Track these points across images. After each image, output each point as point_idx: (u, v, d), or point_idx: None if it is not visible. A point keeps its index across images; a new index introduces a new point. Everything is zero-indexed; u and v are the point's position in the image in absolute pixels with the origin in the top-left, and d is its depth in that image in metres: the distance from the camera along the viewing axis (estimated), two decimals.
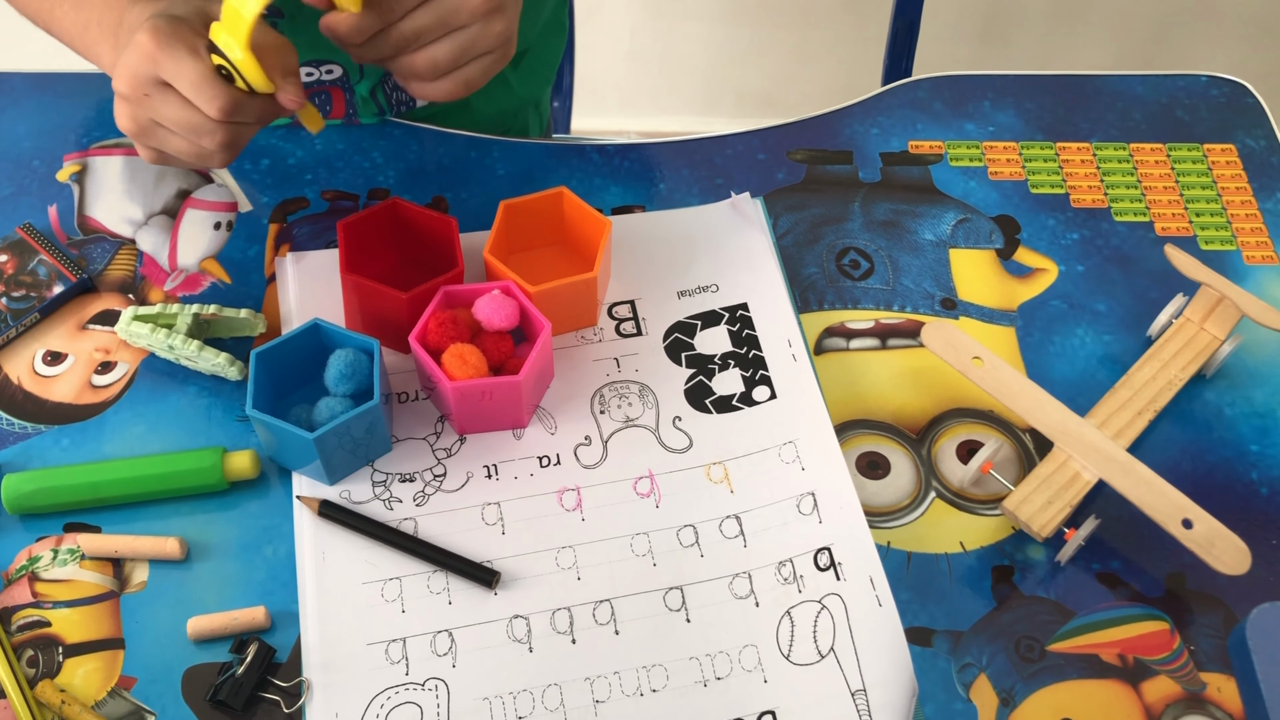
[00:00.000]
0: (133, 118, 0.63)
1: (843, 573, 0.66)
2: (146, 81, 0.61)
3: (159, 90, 0.61)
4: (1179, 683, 0.64)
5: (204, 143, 0.62)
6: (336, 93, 0.85)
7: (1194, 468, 0.71)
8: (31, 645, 0.64)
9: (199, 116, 0.61)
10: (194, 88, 0.60)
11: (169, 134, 0.63)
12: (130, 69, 0.61)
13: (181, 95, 0.61)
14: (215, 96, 0.60)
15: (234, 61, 0.59)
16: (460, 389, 0.67)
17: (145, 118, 0.62)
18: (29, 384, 0.73)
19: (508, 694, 0.62)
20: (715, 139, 0.86)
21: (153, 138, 0.63)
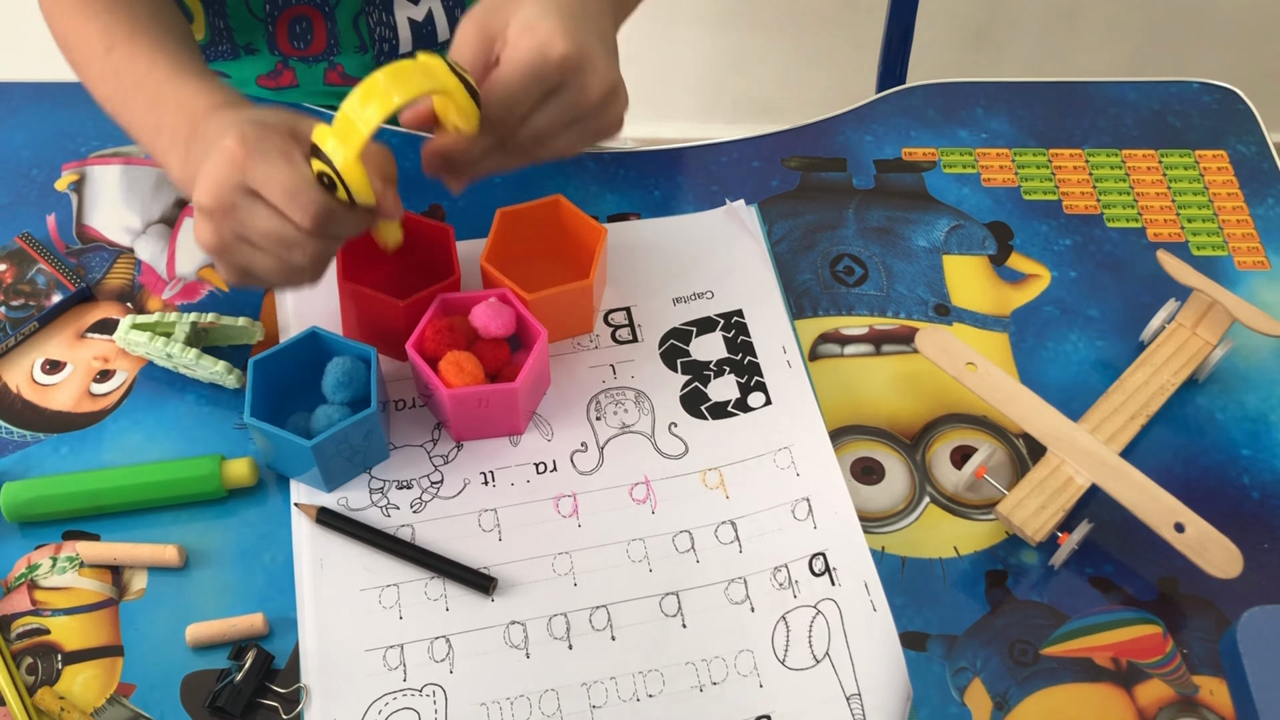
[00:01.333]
0: (216, 232, 0.58)
1: (838, 578, 0.66)
2: (233, 190, 0.56)
3: (247, 200, 0.56)
4: (1172, 686, 0.64)
5: (294, 257, 0.58)
6: (316, 17, 0.83)
7: (1186, 472, 0.72)
8: (31, 653, 0.64)
9: (289, 228, 0.56)
10: (286, 194, 0.55)
11: (255, 250, 0.58)
12: (215, 178, 0.56)
13: (271, 205, 0.56)
14: (309, 204, 0.55)
15: (340, 170, 0.54)
16: (456, 396, 0.67)
17: (230, 232, 0.57)
18: (28, 392, 0.73)
19: (505, 699, 0.63)
20: (710, 146, 0.87)
21: (238, 254, 0.58)
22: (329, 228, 0.57)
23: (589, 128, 0.60)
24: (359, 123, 0.54)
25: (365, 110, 0.53)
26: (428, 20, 0.85)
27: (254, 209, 0.57)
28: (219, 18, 0.82)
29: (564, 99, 0.58)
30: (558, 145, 0.60)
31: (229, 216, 0.57)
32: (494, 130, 0.58)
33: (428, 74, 0.54)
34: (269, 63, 0.86)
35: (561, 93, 0.58)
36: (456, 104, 0.56)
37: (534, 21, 0.57)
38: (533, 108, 0.58)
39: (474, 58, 0.58)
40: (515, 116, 0.58)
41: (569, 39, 0.57)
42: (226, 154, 0.56)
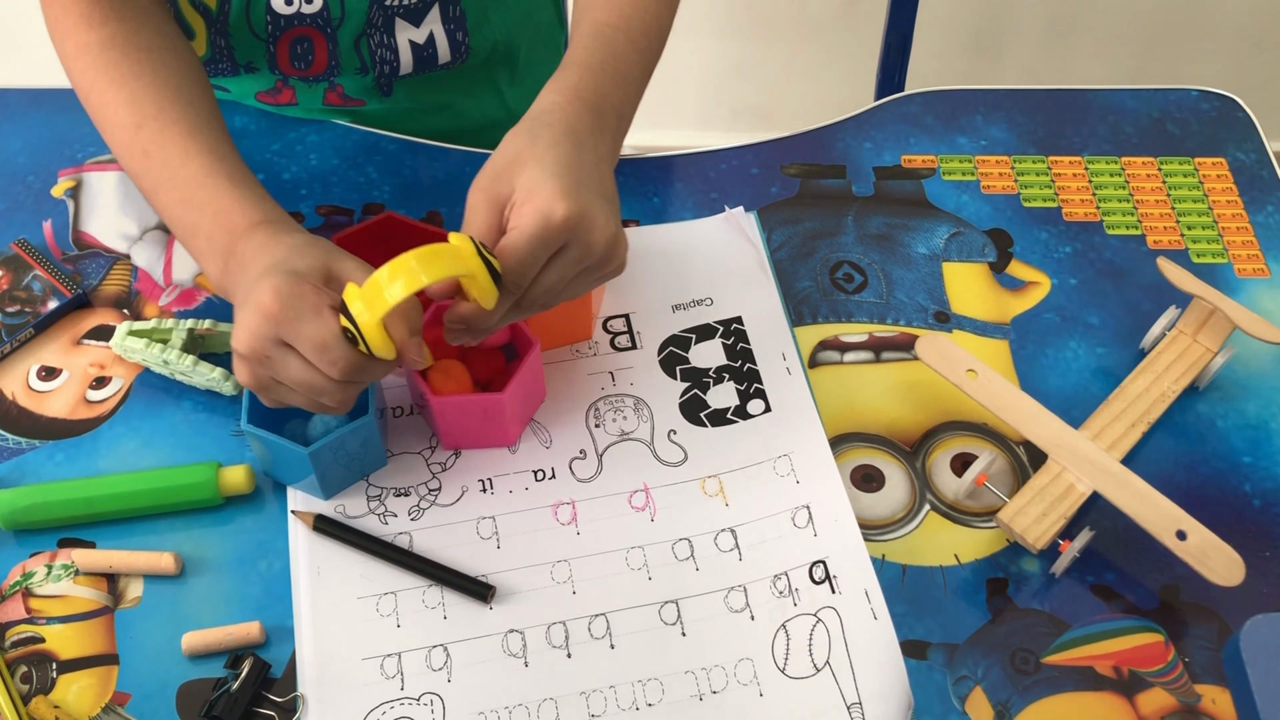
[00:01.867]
0: (253, 375, 0.61)
1: (838, 586, 0.66)
2: (268, 343, 0.59)
3: (280, 351, 0.59)
4: (1174, 695, 0.64)
5: (324, 400, 0.61)
6: (317, 38, 0.84)
7: (1187, 480, 0.72)
8: (25, 661, 0.64)
9: (320, 378, 0.59)
10: (317, 351, 0.58)
11: (289, 391, 0.61)
12: (251, 330, 0.59)
13: (303, 357, 0.59)
14: (337, 360, 0.58)
15: (364, 333, 0.58)
16: (443, 404, 0.67)
17: (266, 376, 0.61)
18: (23, 399, 0.73)
19: (503, 708, 0.62)
20: (709, 153, 0.87)
21: (273, 392, 0.62)
22: (356, 378, 0.60)
23: (595, 275, 0.64)
24: (386, 295, 0.57)
25: (393, 286, 0.56)
26: (429, 42, 0.86)
27: (287, 360, 0.60)
28: (220, 36, 0.82)
29: (570, 255, 0.61)
30: (565, 297, 0.64)
31: (264, 365, 0.60)
32: (509, 295, 0.61)
33: (456, 258, 0.57)
34: (269, 80, 0.86)
35: (567, 250, 0.61)
36: (479, 285, 0.59)
37: (535, 187, 0.60)
38: (542, 269, 0.61)
39: (486, 226, 0.61)
40: (527, 279, 0.61)
41: (568, 201, 0.59)
42: (262, 310, 0.58)
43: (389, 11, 0.83)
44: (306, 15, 0.81)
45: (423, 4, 0.83)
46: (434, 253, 0.57)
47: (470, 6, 0.86)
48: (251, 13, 0.80)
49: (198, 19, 0.82)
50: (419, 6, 0.83)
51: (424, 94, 0.90)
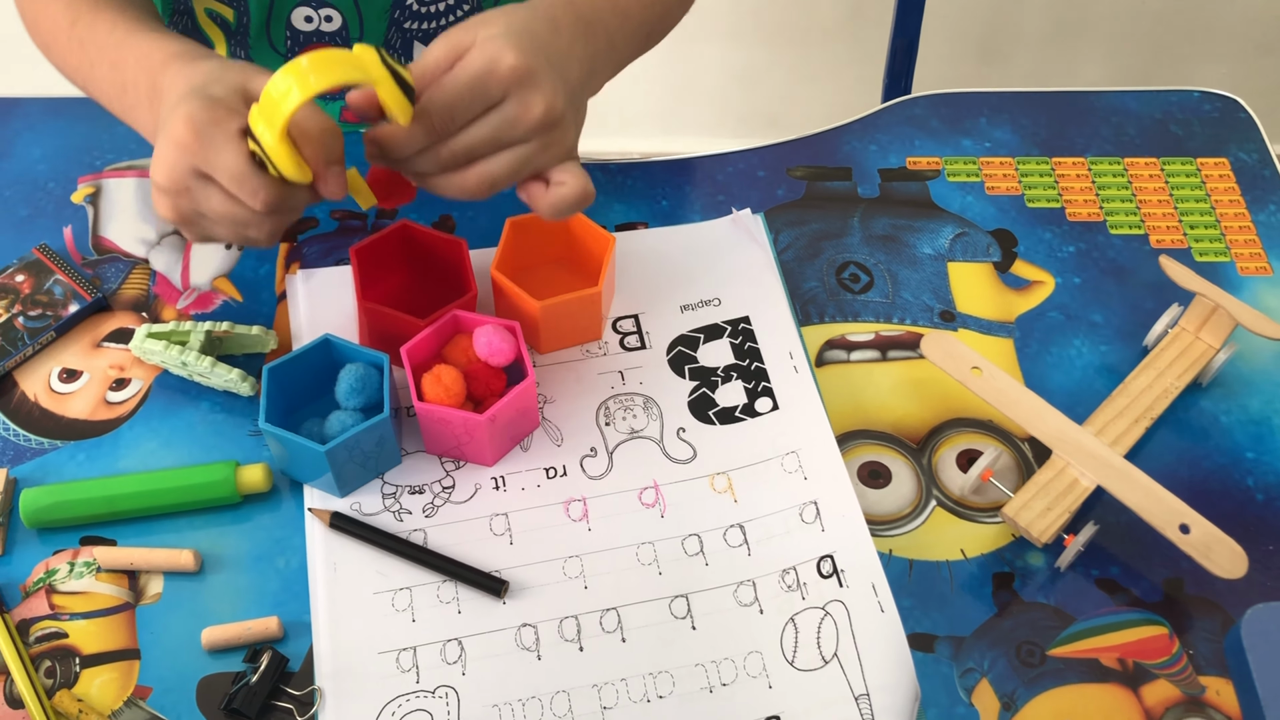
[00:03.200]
0: (175, 209, 0.59)
1: (845, 580, 0.67)
2: (185, 174, 0.57)
3: (199, 182, 0.57)
4: (1178, 686, 0.65)
5: (249, 233, 0.60)
6: None
7: (1190, 474, 0.72)
8: (49, 656, 0.65)
9: (243, 209, 0.58)
10: (235, 181, 0.56)
11: (213, 223, 0.60)
12: (167, 162, 0.57)
13: (223, 188, 0.57)
14: (257, 190, 0.56)
15: (268, 151, 0.55)
16: (426, 411, 0.68)
17: (188, 209, 0.59)
18: (45, 401, 0.75)
19: (517, 701, 0.63)
20: (716, 157, 0.88)
21: (196, 227, 0.60)
22: (279, 207, 0.58)
23: (525, 154, 0.61)
24: (281, 104, 0.54)
25: (287, 93, 0.54)
26: None
27: (207, 191, 0.58)
28: (240, 47, 0.84)
29: (506, 112, 0.59)
30: (491, 166, 0.61)
31: (183, 196, 0.58)
32: (429, 129, 0.59)
33: (354, 63, 0.55)
34: None
35: (504, 106, 0.59)
36: (386, 96, 0.57)
37: (494, 36, 0.59)
38: (473, 116, 0.59)
39: (436, 67, 0.60)
40: (454, 120, 0.59)
41: (521, 55, 0.58)
42: (175, 139, 0.56)
43: (407, 34, 0.84)
44: (326, 33, 0.82)
45: (439, 28, 0.85)
46: (327, 55, 0.54)
47: None
48: (272, 29, 0.82)
49: (215, 30, 0.83)
50: (436, 31, 0.84)
51: None
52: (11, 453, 0.72)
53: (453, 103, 0.58)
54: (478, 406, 0.70)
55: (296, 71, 0.54)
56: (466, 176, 0.61)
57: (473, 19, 0.61)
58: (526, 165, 0.61)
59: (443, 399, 0.68)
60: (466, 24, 0.61)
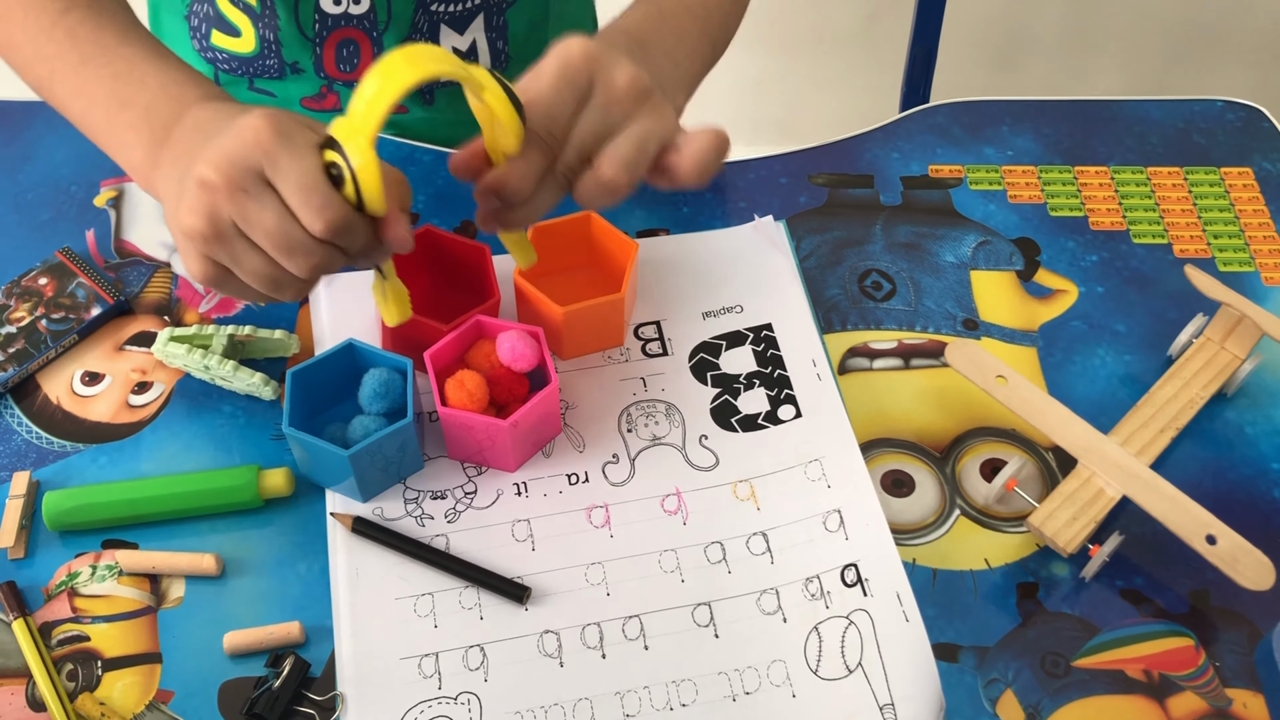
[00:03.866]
0: (210, 215, 0.52)
1: (870, 589, 0.66)
2: (248, 173, 0.51)
3: (259, 188, 0.52)
4: (1205, 699, 0.64)
5: (290, 262, 0.53)
6: (363, 41, 0.84)
7: (1216, 485, 0.72)
8: (71, 659, 0.65)
9: (297, 230, 0.52)
10: (303, 190, 0.51)
11: (249, 248, 0.54)
12: (230, 154, 0.51)
13: (282, 202, 0.52)
14: (325, 207, 0.51)
15: (354, 164, 0.50)
16: (448, 415, 0.67)
17: (229, 216, 0.52)
18: (68, 403, 0.75)
19: (539, 708, 0.63)
20: (738, 163, 0.88)
21: (226, 246, 0.54)
22: (339, 236, 0.53)
23: (641, 127, 0.58)
24: (374, 106, 0.49)
25: (380, 92, 0.49)
26: (471, 50, 0.87)
27: (263, 199, 0.52)
28: (269, 30, 0.83)
29: (596, 100, 0.58)
30: (617, 149, 0.58)
31: (233, 199, 0.52)
32: (541, 149, 0.58)
33: (448, 59, 0.51)
34: (314, 85, 0.87)
35: (593, 95, 0.58)
36: (495, 109, 0.54)
37: (557, 46, 0.60)
38: (571, 117, 0.58)
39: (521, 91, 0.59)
40: (557, 125, 0.58)
41: (588, 42, 0.58)
42: (251, 131, 0.51)
43: (434, 17, 0.84)
44: (354, 16, 0.82)
45: (468, 12, 0.85)
46: (420, 49, 0.49)
47: (515, 19, 0.87)
48: (300, 12, 0.81)
49: (241, 16, 0.83)
50: (464, 14, 0.85)
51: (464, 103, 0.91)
52: (34, 455, 0.72)
53: (547, 106, 0.56)
54: (500, 412, 0.70)
55: (388, 68, 0.49)
56: (600, 171, 0.58)
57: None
58: (649, 137, 0.58)
59: (465, 404, 0.68)
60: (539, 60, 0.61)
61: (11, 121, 0.89)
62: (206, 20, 0.85)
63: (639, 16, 0.69)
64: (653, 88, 0.59)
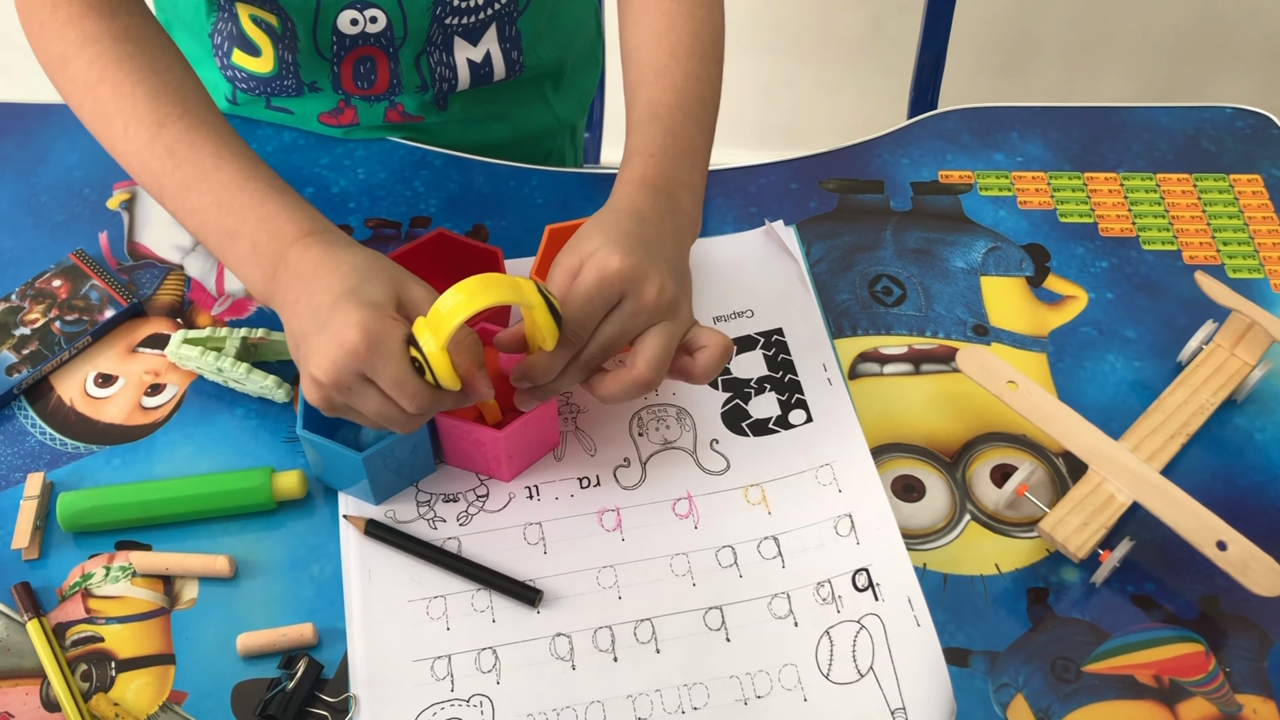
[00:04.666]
0: (328, 400, 0.62)
1: (881, 593, 0.67)
2: (351, 376, 0.60)
3: (360, 384, 0.61)
4: (1215, 704, 0.64)
5: (395, 429, 0.63)
6: (380, 58, 0.85)
7: (1226, 492, 0.72)
8: (85, 660, 0.65)
9: (395, 410, 0.61)
10: (397, 386, 0.60)
11: (362, 416, 0.63)
12: (335, 363, 0.59)
13: (382, 391, 0.61)
14: (415, 395, 0.60)
15: (430, 359, 0.59)
16: (445, 423, 0.68)
17: (341, 402, 0.62)
18: (81, 405, 0.75)
19: (551, 710, 0.63)
20: (748, 169, 0.88)
21: (344, 414, 0.64)
22: (427, 410, 0.62)
23: (667, 331, 0.65)
24: (449, 318, 0.58)
25: (454, 309, 0.58)
26: (485, 60, 0.88)
27: (365, 391, 0.61)
28: (289, 52, 0.84)
29: (625, 308, 0.64)
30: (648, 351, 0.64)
31: (342, 393, 0.62)
32: (569, 345, 0.64)
33: (515, 288, 0.60)
34: (331, 101, 0.88)
35: (623, 304, 0.64)
36: (538, 319, 0.61)
37: (597, 250, 0.64)
38: (600, 321, 0.64)
39: (559, 290, 0.64)
40: (586, 329, 0.64)
41: (624, 256, 0.63)
42: (348, 347, 0.59)
43: (448, 30, 0.84)
44: (371, 35, 0.83)
45: (480, 24, 0.85)
46: (493, 278, 0.59)
47: (525, 26, 0.88)
48: (318, 32, 0.82)
49: (262, 36, 0.84)
50: (477, 26, 0.85)
51: (478, 106, 0.91)
52: (48, 457, 0.72)
53: (580, 314, 0.63)
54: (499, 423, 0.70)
55: (465, 291, 0.58)
56: (635, 371, 0.64)
57: (574, 239, 0.66)
58: (673, 338, 0.65)
59: (460, 414, 0.68)
60: (570, 245, 0.66)
61: (25, 124, 0.89)
62: (229, 39, 0.86)
63: (658, 152, 0.71)
64: (674, 295, 0.65)
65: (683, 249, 0.69)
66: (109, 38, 0.69)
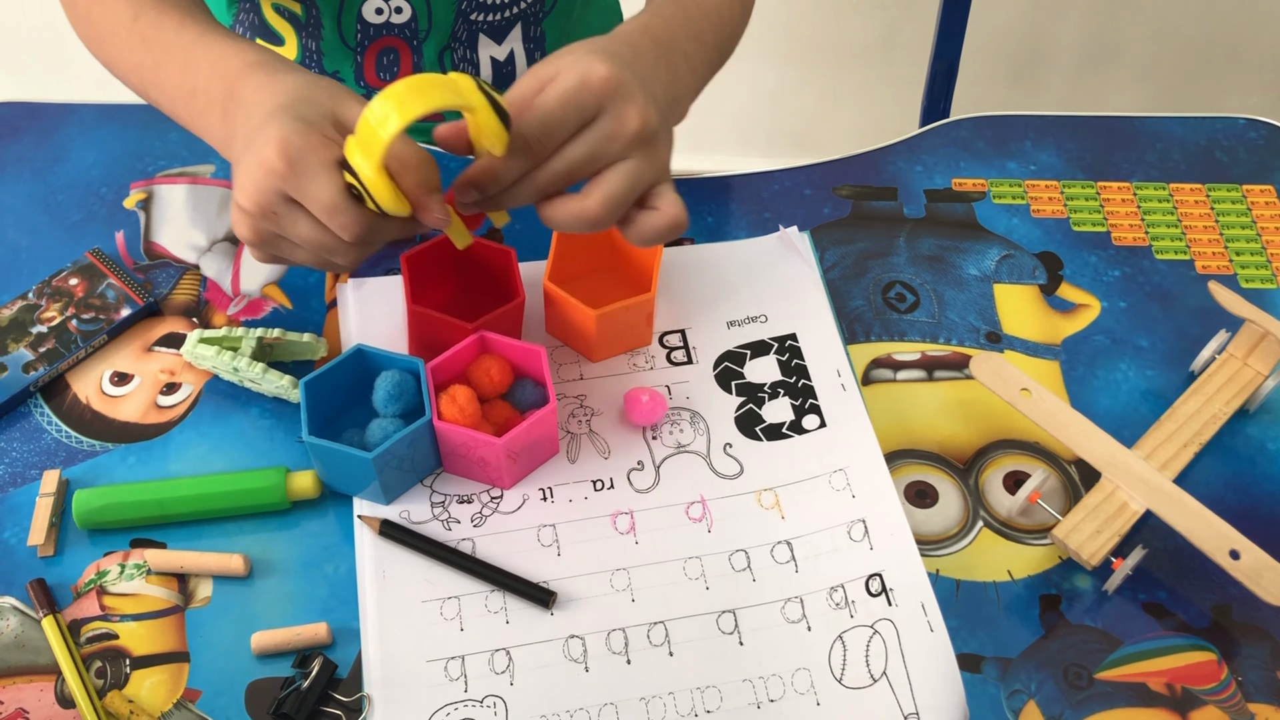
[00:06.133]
0: (254, 231, 0.58)
1: (894, 598, 0.67)
2: (274, 198, 0.56)
3: (287, 208, 0.56)
4: (1227, 713, 0.64)
5: (333, 259, 0.59)
6: (403, 49, 0.85)
7: (1239, 501, 0.72)
8: (100, 657, 0.65)
9: (331, 238, 0.56)
10: (327, 212, 0.55)
11: (294, 247, 0.59)
12: (255, 184, 0.55)
13: (312, 216, 0.56)
14: (350, 222, 0.55)
15: (366, 183, 0.54)
16: (444, 429, 0.67)
17: (269, 232, 0.58)
18: (97, 403, 0.75)
19: (565, 712, 0.63)
20: (762, 175, 0.89)
21: (275, 248, 0.59)
22: (370, 238, 0.57)
23: (636, 169, 0.59)
24: (379, 131, 0.52)
25: (385, 119, 0.52)
26: (509, 60, 0.88)
27: (294, 215, 0.56)
28: (312, 39, 0.84)
29: (601, 127, 0.58)
30: (608, 185, 0.58)
31: (268, 219, 0.57)
32: (526, 154, 0.58)
33: (451, 87, 0.53)
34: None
35: (599, 121, 0.58)
36: (481, 122, 0.55)
37: (580, 56, 0.58)
38: (569, 135, 0.58)
39: (524, 96, 0.59)
40: (551, 140, 0.57)
41: (611, 66, 0.57)
42: (267, 164, 0.55)
43: (474, 26, 0.85)
44: (395, 25, 0.83)
45: (505, 22, 0.85)
46: (424, 80, 0.53)
47: (551, 28, 0.88)
48: (343, 21, 0.82)
49: (285, 25, 0.84)
50: (502, 24, 0.85)
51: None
52: (64, 454, 0.73)
53: (547, 121, 0.57)
54: (498, 427, 0.70)
55: (393, 97, 0.52)
56: (587, 201, 0.58)
57: (553, 54, 0.60)
58: (640, 181, 0.59)
59: (456, 419, 0.68)
60: (548, 58, 0.60)
61: (43, 124, 0.90)
62: (251, 29, 0.86)
63: (666, 16, 0.68)
64: (659, 129, 0.59)
65: (671, 105, 0.63)
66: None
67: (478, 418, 0.69)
